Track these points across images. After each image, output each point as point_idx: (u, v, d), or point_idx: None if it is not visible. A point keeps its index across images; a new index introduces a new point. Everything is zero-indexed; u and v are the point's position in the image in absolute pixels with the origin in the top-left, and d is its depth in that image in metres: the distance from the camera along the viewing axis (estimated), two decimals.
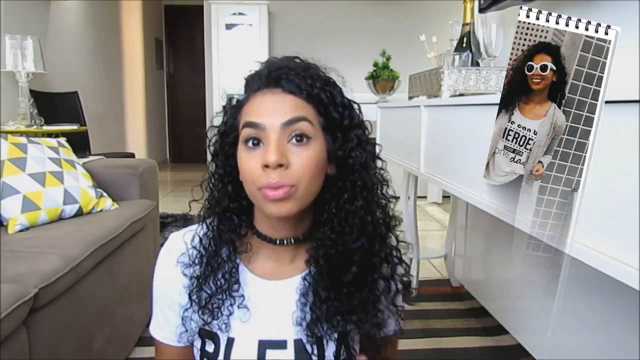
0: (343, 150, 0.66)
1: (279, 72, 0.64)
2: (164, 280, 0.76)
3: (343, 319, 0.69)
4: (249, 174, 0.63)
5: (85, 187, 1.74)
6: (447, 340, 1.86)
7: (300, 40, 5.06)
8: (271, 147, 0.60)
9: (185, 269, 0.73)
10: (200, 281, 0.71)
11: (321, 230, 0.68)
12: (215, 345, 0.72)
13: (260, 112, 0.63)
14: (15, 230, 1.50)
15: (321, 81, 0.65)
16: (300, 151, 0.62)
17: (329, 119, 0.66)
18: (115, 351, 1.57)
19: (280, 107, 0.62)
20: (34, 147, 1.69)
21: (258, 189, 0.62)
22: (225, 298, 0.70)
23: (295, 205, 0.63)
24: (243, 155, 0.64)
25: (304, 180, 0.62)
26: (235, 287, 0.71)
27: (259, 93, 0.65)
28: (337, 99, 0.67)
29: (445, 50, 2.23)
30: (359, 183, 0.67)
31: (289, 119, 0.62)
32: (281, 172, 0.60)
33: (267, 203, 0.62)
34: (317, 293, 0.69)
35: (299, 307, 0.71)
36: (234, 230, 0.71)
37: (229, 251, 0.71)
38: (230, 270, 0.71)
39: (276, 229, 0.70)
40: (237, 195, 0.69)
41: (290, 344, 0.71)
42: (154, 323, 0.79)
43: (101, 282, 1.48)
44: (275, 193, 0.60)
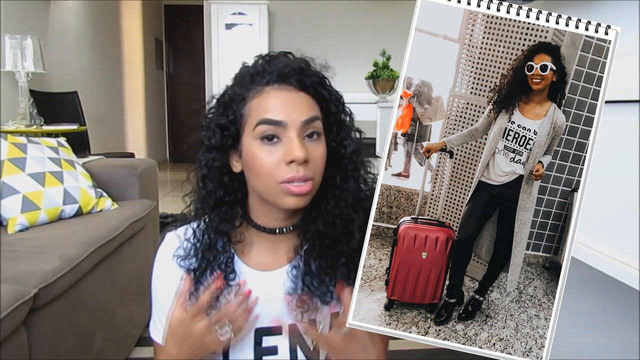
0: (337, 141, 0.71)
1: (288, 69, 0.66)
2: (163, 277, 0.76)
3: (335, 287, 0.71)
4: (266, 169, 0.65)
5: (85, 187, 1.74)
6: None
7: (300, 40, 5.06)
8: (296, 143, 0.63)
9: (181, 261, 0.74)
10: (197, 274, 0.72)
11: (316, 210, 0.71)
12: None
13: (278, 110, 0.65)
14: (15, 230, 1.50)
15: (320, 77, 0.69)
16: (315, 146, 0.66)
17: (327, 113, 0.70)
18: (115, 351, 1.57)
19: (297, 105, 0.65)
20: (33, 147, 1.69)
21: (279, 182, 0.64)
22: (222, 290, 0.72)
23: (310, 196, 0.67)
24: (258, 151, 0.65)
25: (319, 173, 0.67)
26: (231, 277, 0.73)
27: (270, 88, 0.66)
28: (333, 94, 0.71)
29: None
30: (350, 167, 0.71)
31: (309, 117, 0.65)
32: (305, 166, 0.64)
33: (286, 196, 0.65)
34: (308, 264, 0.72)
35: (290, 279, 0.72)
36: (228, 221, 0.72)
37: (223, 242, 0.73)
38: (226, 261, 0.73)
39: (276, 219, 0.72)
40: (232, 187, 0.71)
41: (285, 329, 0.73)
42: (153, 324, 0.80)
43: (101, 282, 1.48)
44: (301, 188, 0.64)
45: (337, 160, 0.71)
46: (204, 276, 0.72)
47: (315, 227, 0.71)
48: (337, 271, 0.71)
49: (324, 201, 0.71)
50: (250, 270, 0.74)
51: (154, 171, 2.18)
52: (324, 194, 0.71)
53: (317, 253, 0.71)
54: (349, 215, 0.70)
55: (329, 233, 0.70)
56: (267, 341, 0.72)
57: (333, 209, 0.70)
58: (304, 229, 0.74)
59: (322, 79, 0.70)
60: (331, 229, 0.70)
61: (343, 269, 0.71)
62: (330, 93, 0.70)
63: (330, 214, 0.70)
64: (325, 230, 0.70)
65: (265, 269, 0.74)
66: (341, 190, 0.71)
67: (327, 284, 0.71)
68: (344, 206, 0.70)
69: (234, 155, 0.70)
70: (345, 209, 0.70)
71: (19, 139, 1.71)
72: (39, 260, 1.23)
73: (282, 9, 5.13)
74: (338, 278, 0.71)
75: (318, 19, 5.17)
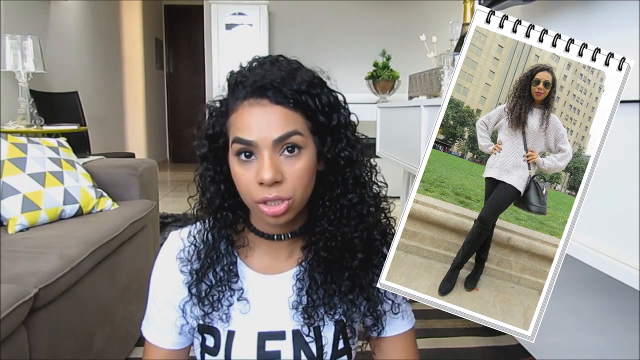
0: (332, 152, 0.67)
1: (264, 81, 0.62)
2: (163, 277, 0.76)
3: (340, 299, 0.71)
4: (244, 188, 0.64)
5: (85, 187, 1.74)
6: (447, 340, 1.86)
7: (300, 40, 5.06)
8: (265, 164, 0.60)
9: (183, 266, 0.73)
10: (200, 274, 0.72)
11: (318, 224, 0.69)
12: (216, 340, 0.73)
13: (250, 128, 0.61)
14: (15, 230, 1.50)
15: (306, 84, 0.63)
16: (292, 162, 0.62)
17: (317, 123, 0.65)
18: (115, 351, 1.57)
19: (270, 122, 0.61)
20: (34, 147, 1.69)
21: (255, 202, 0.63)
22: (224, 290, 0.72)
23: (293, 213, 0.65)
24: (237, 169, 0.64)
25: (299, 190, 0.63)
26: (234, 280, 0.72)
27: (245, 104, 0.63)
28: (324, 100, 0.65)
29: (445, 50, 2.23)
30: (351, 180, 0.68)
31: (280, 135, 0.61)
32: (277, 186, 0.62)
33: (264, 216, 0.64)
34: (313, 278, 0.71)
35: (295, 292, 0.72)
36: (230, 226, 0.72)
37: (226, 245, 0.73)
38: (228, 264, 0.72)
39: (272, 227, 0.71)
40: (231, 193, 0.70)
41: (289, 334, 0.72)
42: (147, 323, 0.80)
43: (101, 282, 1.48)
44: (274, 209, 0.62)
45: (336, 171, 0.68)
46: (206, 277, 0.72)
47: (318, 244, 0.69)
48: (342, 286, 0.70)
49: (326, 215, 0.69)
50: (254, 273, 0.74)
51: (154, 171, 2.18)
52: (325, 208, 0.69)
53: (322, 268, 0.70)
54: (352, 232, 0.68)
55: (331, 250, 0.68)
56: (270, 345, 0.72)
57: (335, 224, 0.68)
58: (305, 241, 0.72)
59: (308, 86, 0.63)
60: (333, 247, 0.68)
61: (347, 284, 0.70)
62: (319, 100, 0.64)
63: (332, 231, 0.68)
64: (327, 247, 0.69)
65: (267, 272, 0.74)
66: (342, 206, 0.68)
67: (332, 298, 0.70)
68: (345, 221, 0.68)
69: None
70: (347, 226, 0.68)
71: (19, 139, 1.71)
72: (39, 260, 1.23)
73: (282, 9, 5.12)
74: (342, 293, 0.71)
75: (318, 19, 5.17)
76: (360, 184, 0.69)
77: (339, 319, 0.73)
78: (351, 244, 0.69)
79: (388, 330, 0.77)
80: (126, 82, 5.80)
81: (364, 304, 0.73)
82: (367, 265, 0.71)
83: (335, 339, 0.73)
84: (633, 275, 0.70)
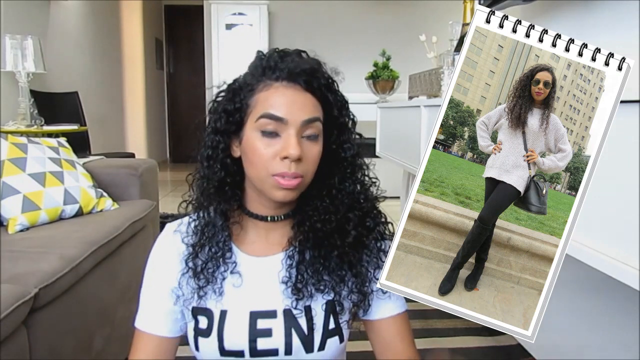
0: (337, 144, 0.74)
1: (299, 68, 0.68)
2: (160, 261, 0.80)
3: (329, 275, 0.74)
4: (262, 161, 0.68)
5: (86, 187, 1.74)
6: (447, 340, 1.86)
7: (300, 40, 5.06)
8: (293, 141, 0.66)
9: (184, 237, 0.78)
10: (197, 249, 0.75)
11: (311, 203, 0.74)
12: (209, 320, 0.75)
13: (282, 106, 0.67)
14: (15, 230, 1.50)
15: (328, 81, 0.72)
16: (311, 146, 0.69)
17: (330, 116, 0.72)
18: (115, 351, 1.57)
19: (302, 104, 0.68)
20: (34, 147, 1.69)
21: (271, 175, 0.67)
22: (219, 265, 0.75)
23: (299, 191, 0.71)
24: (257, 143, 0.68)
25: (310, 172, 0.70)
26: (228, 255, 0.76)
27: (278, 85, 0.69)
28: (339, 98, 0.73)
29: (445, 50, 2.23)
30: (349, 170, 0.75)
31: (309, 118, 0.68)
32: (297, 164, 0.67)
33: (275, 189, 0.69)
34: (302, 253, 0.75)
35: (284, 267, 0.76)
36: (228, 201, 0.75)
37: (221, 221, 0.76)
38: (223, 240, 0.76)
39: (267, 207, 0.75)
40: (232, 170, 0.74)
41: (280, 313, 0.74)
42: (139, 316, 0.81)
43: (101, 282, 1.48)
44: (290, 182, 0.67)
45: (337, 162, 0.74)
46: (202, 251, 0.75)
47: (310, 222, 0.74)
48: (331, 262, 0.74)
49: (319, 198, 0.74)
50: (245, 255, 0.77)
51: (154, 171, 2.18)
52: (319, 192, 0.74)
53: (311, 244, 0.74)
54: (344, 214, 0.73)
55: (323, 228, 0.73)
56: (261, 324, 0.74)
57: (328, 206, 0.73)
58: (298, 222, 0.76)
59: (330, 82, 0.72)
60: (326, 224, 0.73)
61: (336, 260, 0.74)
62: (336, 97, 0.73)
63: (325, 211, 0.73)
64: (320, 225, 0.73)
65: (258, 255, 0.77)
66: (338, 190, 0.74)
67: (321, 273, 0.74)
68: (339, 204, 0.73)
69: (235, 140, 0.73)
70: (341, 208, 0.73)
71: (19, 139, 1.71)
72: (39, 260, 1.23)
73: (282, 9, 5.12)
74: (331, 268, 0.74)
75: (318, 19, 5.17)
76: (356, 173, 0.76)
77: (328, 297, 0.75)
78: (342, 220, 0.73)
79: (379, 312, 0.78)
80: (126, 82, 5.80)
81: (352, 280, 0.75)
82: (357, 243, 0.74)
83: (326, 318, 0.75)
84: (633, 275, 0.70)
